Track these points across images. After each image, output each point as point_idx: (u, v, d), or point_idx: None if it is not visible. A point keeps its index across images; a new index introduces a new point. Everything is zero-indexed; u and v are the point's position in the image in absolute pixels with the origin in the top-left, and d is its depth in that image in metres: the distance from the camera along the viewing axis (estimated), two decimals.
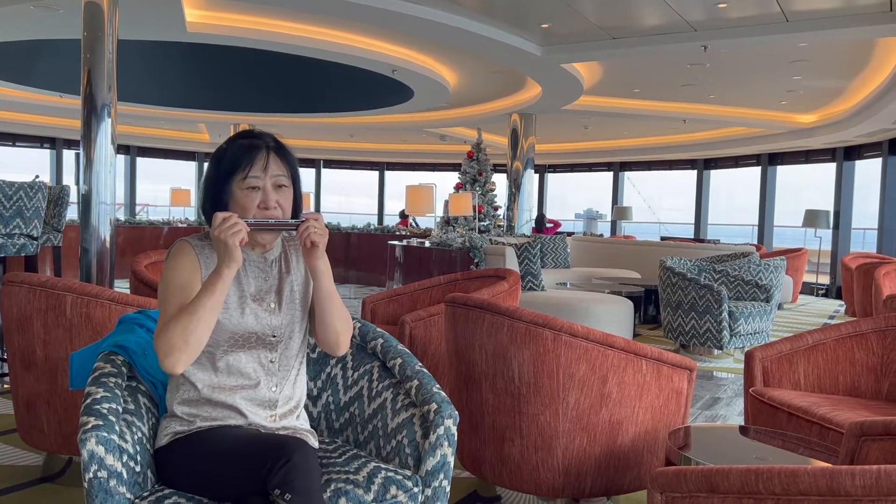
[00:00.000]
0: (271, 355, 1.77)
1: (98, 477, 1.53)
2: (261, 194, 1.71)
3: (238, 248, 1.62)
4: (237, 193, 1.71)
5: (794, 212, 13.02)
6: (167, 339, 1.58)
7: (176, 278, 1.68)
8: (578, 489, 2.52)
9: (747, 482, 1.35)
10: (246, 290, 1.76)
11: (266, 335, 1.76)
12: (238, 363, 1.74)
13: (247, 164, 1.71)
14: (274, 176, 1.72)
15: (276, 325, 1.77)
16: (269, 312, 1.77)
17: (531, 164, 11.42)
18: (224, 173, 1.72)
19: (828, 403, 2.74)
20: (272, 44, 7.59)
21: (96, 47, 5.12)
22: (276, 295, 1.79)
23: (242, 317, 1.74)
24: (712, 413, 4.37)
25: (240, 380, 1.74)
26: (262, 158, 1.72)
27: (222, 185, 1.72)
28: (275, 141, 1.76)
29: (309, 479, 1.54)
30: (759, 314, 5.94)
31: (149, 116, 13.23)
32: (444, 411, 1.85)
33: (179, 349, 1.58)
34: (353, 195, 22.63)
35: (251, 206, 1.70)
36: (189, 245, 1.73)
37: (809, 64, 8.03)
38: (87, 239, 5.08)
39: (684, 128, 12.71)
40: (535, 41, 7.57)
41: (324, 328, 1.80)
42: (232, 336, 1.73)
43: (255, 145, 1.73)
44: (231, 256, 1.62)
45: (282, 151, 1.76)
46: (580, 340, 2.43)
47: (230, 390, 1.73)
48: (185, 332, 1.58)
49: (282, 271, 1.82)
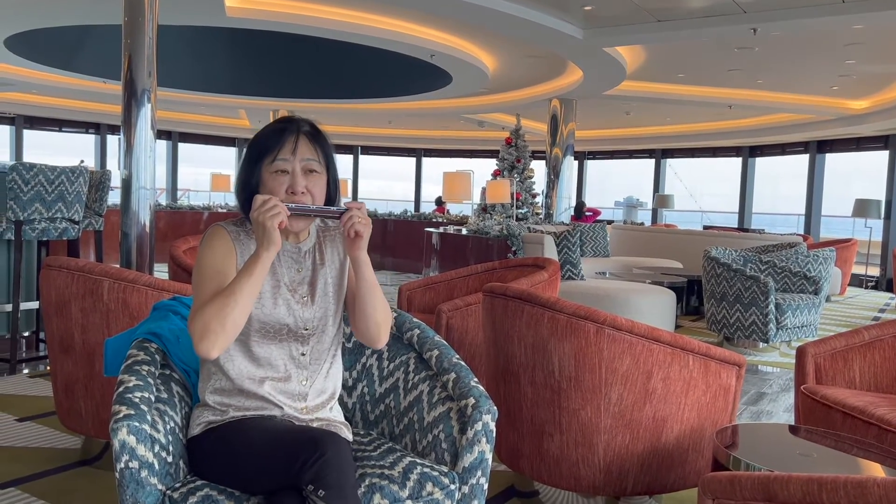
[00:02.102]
0: (303, 348, 1.73)
1: (129, 468, 1.51)
2: (289, 178, 1.66)
3: (277, 232, 1.57)
4: (266, 177, 1.66)
5: (843, 201, 12.62)
6: (202, 322, 1.53)
7: (211, 262, 1.64)
8: (620, 487, 2.44)
9: (809, 492, 1.25)
10: (280, 279, 1.71)
11: (298, 328, 1.71)
12: (269, 355, 1.69)
13: (276, 146, 1.66)
14: (304, 160, 1.67)
15: (308, 318, 1.72)
16: (302, 305, 1.72)
17: (571, 151, 11.24)
18: (255, 156, 1.68)
19: (886, 403, 2.60)
20: (311, 28, 7.57)
21: (137, 33, 5.13)
22: (310, 287, 1.74)
23: (275, 307, 1.69)
24: (758, 409, 4.23)
25: (270, 371, 1.70)
26: (292, 141, 1.67)
27: (252, 168, 1.67)
28: (310, 125, 1.71)
29: (343, 474, 1.49)
30: (806, 307, 5.74)
31: (190, 102, 13.37)
32: (483, 406, 1.79)
33: (215, 332, 1.53)
34: (391, 180, 22.68)
35: (279, 189, 1.65)
36: (224, 230, 1.69)
37: (864, 47, 7.71)
38: (128, 223, 5.12)
39: (729, 114, 12.37)
40: (577, 24, 7.40)
41: (364, 320, 1.74)
42: (263, 326, 1.68)
43: (287, 128, 1.69)
44: (270, 239, 1.57)
45: (316, 136, 1.70)
46: (624, 334, 2.33)
47: (261, 381, 1.69)
48: (220, 315, 1.53)
49: (316, 262, 1.77)
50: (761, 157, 15.16)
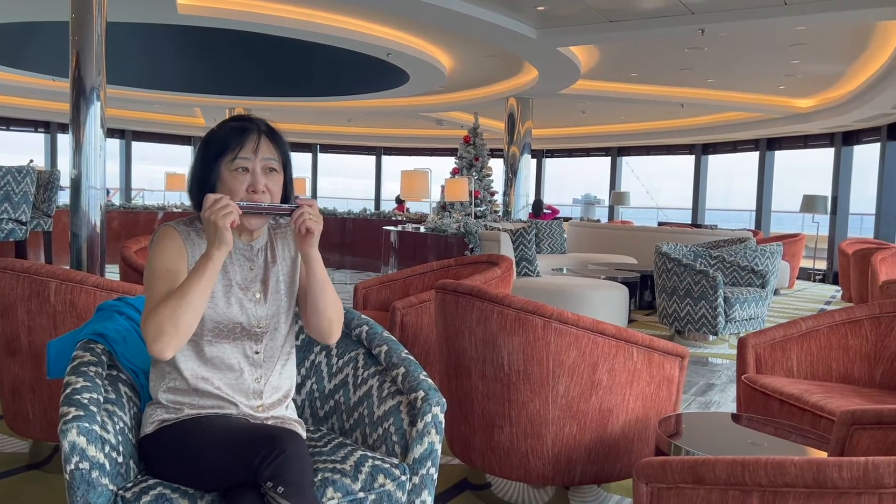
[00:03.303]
0: (256, 346, 1.74)
1: (80, 469, 1.51)
2: (250, 177, 1.67)
3: (229, 231, 1.58)
4: (225, 175, 1.67)
5: (793, 197, 12.99)
6: (156, 324, 1.54)
7: (162, 262, 1.64)
8: (568, 477, 2.50)
9: (733, 473, 1.32)
10: (232, 278, 1.73)
11: (251, 326, 1.73)
12: (223, 354, 1.71)
13: (237, 145, 1.67)
14: (264, 159, 1.69)
15: (261, 316, 1.74)
16: (255, 303, 1.74)
17: (528, 149, 11.35)
18: (213, 155, 1.68)
19: (820, 391, 2.72)
20: (266, 27, 7.51)
21: (85, 30, 5.04)
22: (262, 285, 1.76)
23: (228, 307, 1.70)
24: (706, 399, 4.36)
25: (224, 370, 1.71)
26: (254, 140, 1.69)
27: (210, 166, 1.68)
28: (267, 125, 1.73)
29: (301, 471, 1.51)
30: (754, 300, 5.92)
31: (143, 100, 13.13)
32: (432, 399, 1.83)
33: (169, 334, 1.54)
34: (350, 178, 22.57)
35: (239, 188, 1.66)
36: (174, 230, 1.69)
37: (808, 48, 7.95)
38: (77, 224, 5.02)
39: (682, 112, 12.63)
40: (531, 24, 7.49)
41: (317, 316, 1.76)
42: (217, 326, 1.69)
43: (247, 128, 1.70)
44: (222, 239, 1.58)
45: (273, 135, 1.72)
46: (570, 327, 2.40)
47: (215, 380, 1.70)
48: (174, 317, 1.54)
49: (268, 260, 1.79)
50: (714, 154, 15.50)
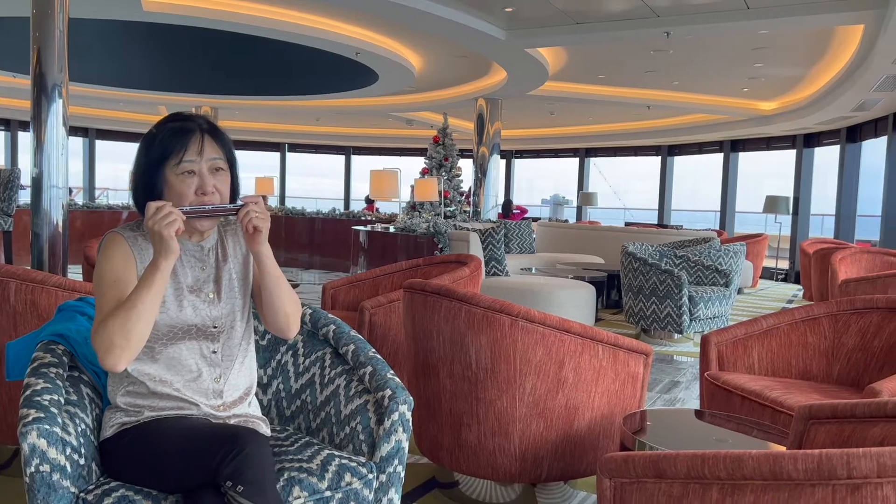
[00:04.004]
0: (213, 346, 1.73)
1: (40, 472, 1.49)
2: (197, 179, 1.64)
3: (174, 240, 1.55)
4: (172, 180, 1.64)
5: (756, 198, 13.24)
6: (107, 337, 1.52)
7: (110, 272, 1.61)
8: (535, 474, 2.53)
9: (693, 467, 1.35)
10: (182, 281, 1.70)
11: (206, 326, 1.71)
12: (179, 355, 1.69)
13: (180, 148, 1.64)
14: (210, 159, 1.66)
15: (216, 316, 1.73)
16: (208, 303, 1.72)
17: (497, 150, 11.41)
18: (156, 159, 1.64)
19: (780, 387, 2.78)
20: (233, 24, 7.43)
21: (46, 25, 4.94)
22: (215, 284, 1.74)
23: (181, 311, 1.68)
24: (671, 397, 4.43)
25: (182, 372, 1.69)
26: (197, 142, 1.65)
27: (154, 172, 1.64)
28: (208, 123, 1.70)
29: (262, 470, 1.50)
30: (718, 299, 6.03)
31: (107, 98, 12.90)
32: (399, 397, 1.84)
33: (120, 347, 1.52)
34: (319, 178, 22.44)
35: (188, 192, 1.63)
36: (120, 236, 1.66)
37: (770, 51, 8.12)
38: (39, 224, 4.93)
39: (648, 114, 12.80)
40: (500, 25, 7.53)
41: (273, 312, 1.75)
42: (171, 330, 1.68)
43: (188, 128, 1.66)
44: (168, 248, 1.55)
45: (216, 134, 1.69)
46: (537, 326, 2.42)
47: (174, 383, 1.68)
48: (124, 330, 1.52)
49: (219, 259, 1.77)
50: (679, 155, 15.73)
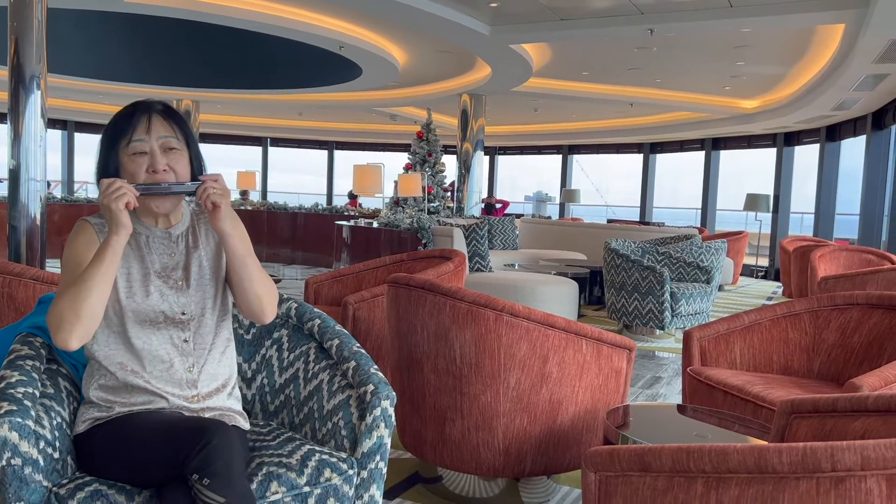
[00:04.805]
0: (184, 335, 1.71)
1: (12, 465, 1.47)
2: (148, 158, 1.65)
3: (125, 213, 1.56)
4: (124, 160, 1.66)
5: (737, 196, 13.35)
6: (57, 313, 1.52)
7: (72, 256, 1.63)
8: (519, 468, 2.53)
9: (678, 461, 1.35)
10: (150, 267, 1.70)
11: (175, 314, 1.70)
12: (149, 345, 1.68)
13: (129, 128, 1.66)
14: (161, 137, 1.67)
15: (184, 303, 1.71)
16: (177, 290, 1.71)
17: (481, 146, 11.40)
18: (109, 143, 1.67)
19: (762, 382, 2.80)
20: (215, 17, 7.36)
21: (24, 15, 4.86)
22: (184, 271, 1.73)
23: (147, 297, 1.68)
24: (653, 392, 4.45)
25: (153, 361, 1.68)
26: (145, 121, 1.67)
27: (108, 155, 1.66)
28: (162, 105, 1.71)
29: (230, 462, 1.48)
30: (699, 295, 6.06)
31: (86, 90, 12.73)
32: (381, 392, 1.82)
33: (70, 322, 1.52)
34: (302, 174, 22.33)
35: (139, 171, 1.64)
36: (88, 224, 1.68)
37: (752, 50, 8.18)
38: (16, 217, 4.85)
39: (631, 112, 12.86)
40: (484, 20, 7.52)
41: (243, 294, 1.73)
42: (138, 316, 1.67)
43: (137, 110, 1.68)
44: (118, 222, 1.55)
45: (170, 113, 1.71)
46: (521, 320, 2.42)
47: (146, 374, 1.67)
48: (74, 305, 1.52)
49: (189, 246, 1.76)
50: (661, 153, 15.82)
